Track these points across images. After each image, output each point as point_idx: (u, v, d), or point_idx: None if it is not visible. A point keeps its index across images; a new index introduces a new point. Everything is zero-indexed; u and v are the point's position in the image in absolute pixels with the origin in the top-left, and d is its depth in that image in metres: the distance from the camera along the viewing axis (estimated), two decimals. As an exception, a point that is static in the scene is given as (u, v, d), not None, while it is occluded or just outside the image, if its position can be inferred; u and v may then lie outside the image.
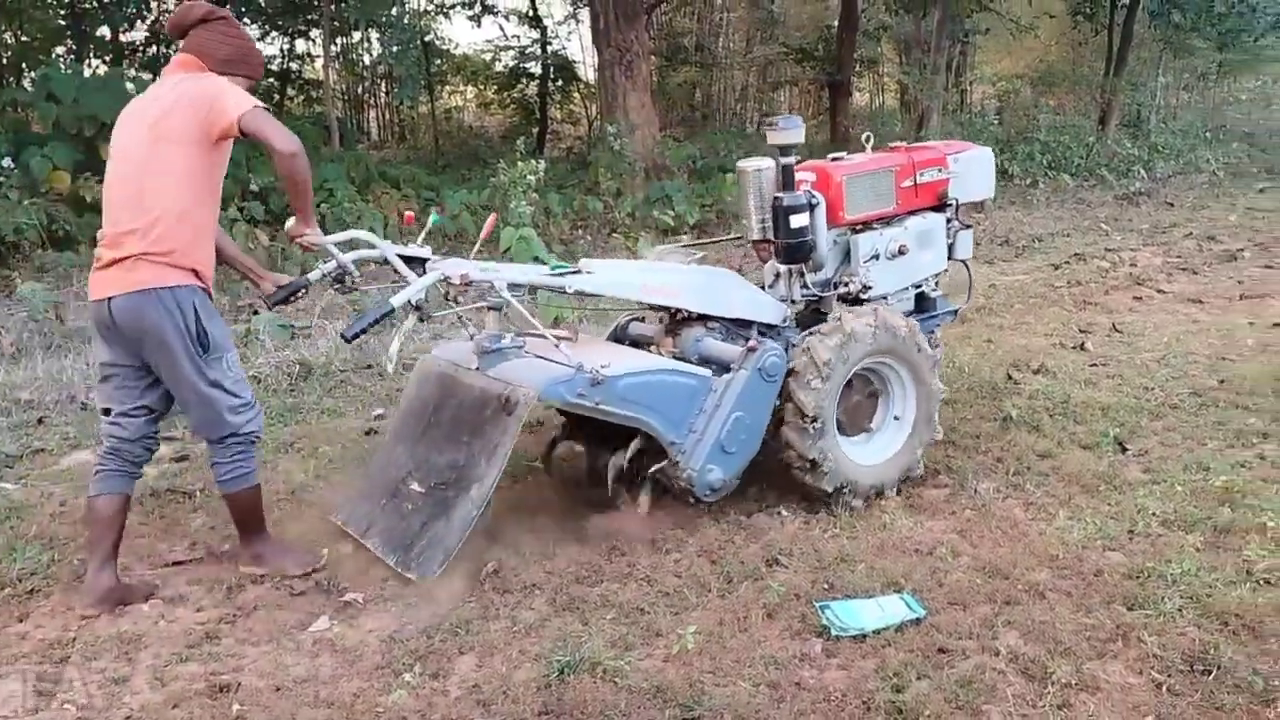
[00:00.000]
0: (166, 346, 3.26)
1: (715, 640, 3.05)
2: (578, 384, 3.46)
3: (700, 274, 4.17)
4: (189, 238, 3.27)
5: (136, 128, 3.30)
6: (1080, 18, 18.46)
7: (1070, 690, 2.75)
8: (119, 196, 3.29)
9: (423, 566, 3.41)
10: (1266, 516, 3.67)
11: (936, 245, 4.51)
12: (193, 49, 3.36)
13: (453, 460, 3.62)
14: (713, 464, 3.73)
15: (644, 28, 12.46)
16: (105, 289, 3.27)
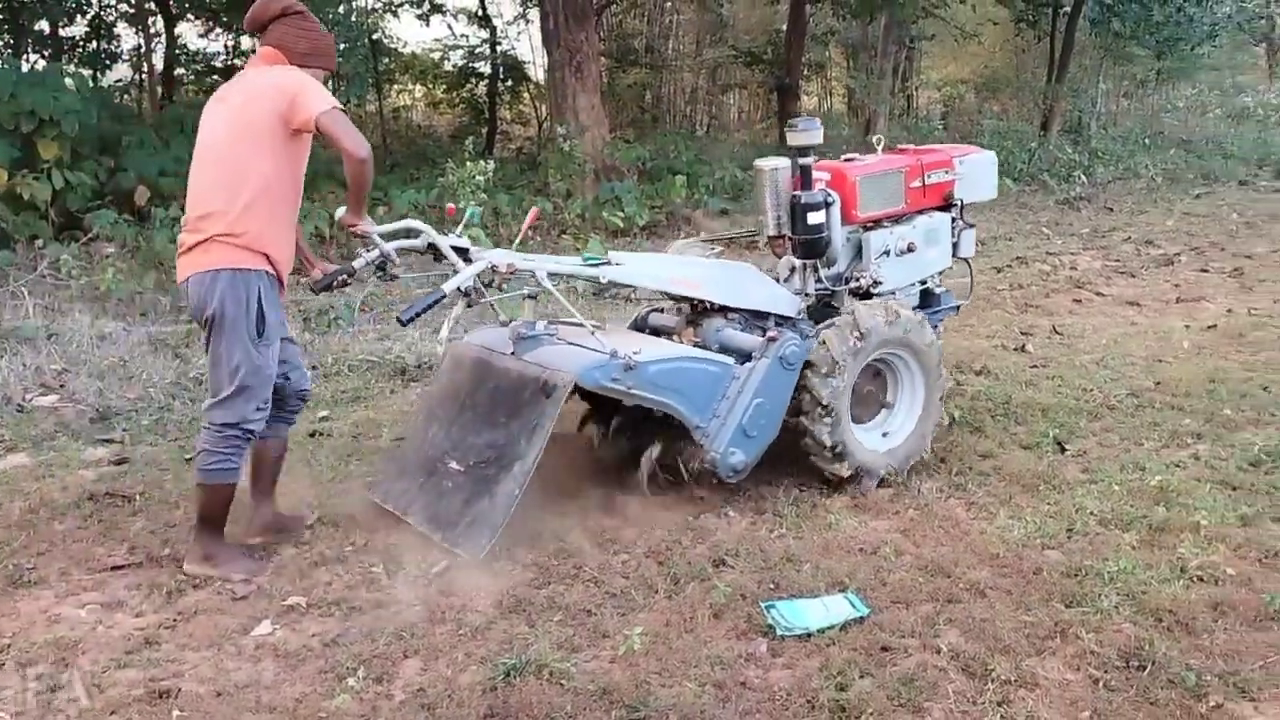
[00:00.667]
0: (226, 322, 3.39)
1: (662, 641, 3.06)
2: (612, 369, 3.65)
3: (721, 268, 4.36)
4: (263, 223, 3.40)
5: (219, 118, 3.46)
6: (1023, 25, 18.74)
7: (1010, 687, 2.80)
8: (200, 183, 3.45)
9: (470, 543, 3.53)
10: (1200, 515, 3.76)
11: (942, 243, 4.74)
12: (273, 43, 3.49)
13: (491, 440, 3.77)
14: (735, 447, 3.90)
15: (594, 29, 12.45)
16: (185, 270, 3.45)
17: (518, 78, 17.89)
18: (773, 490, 4.16)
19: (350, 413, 5.34)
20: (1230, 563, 3.43)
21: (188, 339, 6.42)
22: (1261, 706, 2.71)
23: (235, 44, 15.88)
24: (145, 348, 6.31)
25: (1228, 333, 6.69)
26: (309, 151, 3.54)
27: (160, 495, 4.28)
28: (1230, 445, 4.52)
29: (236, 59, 16.12)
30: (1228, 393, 5.25)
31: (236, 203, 3.35)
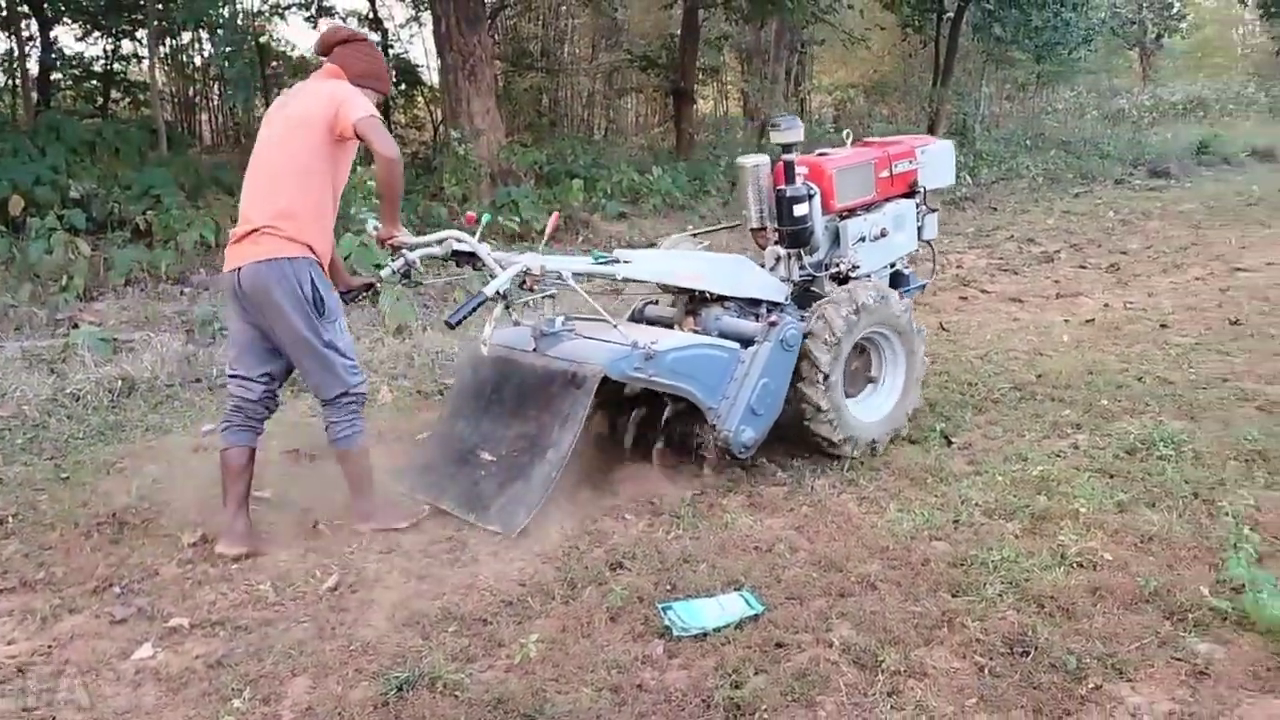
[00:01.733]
0: (285, 311, 3.63)
1: (558, 647, 3.04)
2: (635, 359, 3.93)
3: (720, 260, 4.66)
4: (309, 218, 3.67)
5: (278, 121, 3.77)
6: (909, 30, 19.25)
7: (899, 677, 2.85)
8: (256, 180, 3.75)
9: (506, 521, 3.78)
10: (1079, 503, 3.89)
11: (909, 228, 5.12)
12: (336, 62, 3.84)
13: (522, 432, 4.04)
14: (745, 425, 4.19)
15: (487, 32, 12.36)
16: (236, 260, 3.69)
17: (411, 81, 17.65)
18: (671, 491, 4.18)
19: (238, 426, 5.17)
20: (1107, 548, 3.55)
21: (64, 354, 6.17)
22: (1137, 686, 2.81)
23: (115, 47, 15.35)
24: (19, 363, 6.03)
25: (1104, 326, 6.96)
26: (352, 159, 3.83)
27: (34, 517, 4.11)
28: (1107, 435, 4.69)
29: (116, 63, 15.59)
30: (1104, 384, 5.45)
31: (287, 198, 3.65)
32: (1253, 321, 6.86)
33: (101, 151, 10.51)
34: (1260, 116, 23.64)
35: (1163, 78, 31.28)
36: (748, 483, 4.28)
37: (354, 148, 3.77)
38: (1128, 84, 29.25)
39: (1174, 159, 17.25)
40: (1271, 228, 11.17)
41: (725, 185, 13.15)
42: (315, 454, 4.66)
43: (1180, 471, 4.18)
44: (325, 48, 3.91)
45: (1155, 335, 6.63)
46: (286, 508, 4.10)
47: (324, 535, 3.88)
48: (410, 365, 6.21)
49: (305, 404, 5.51)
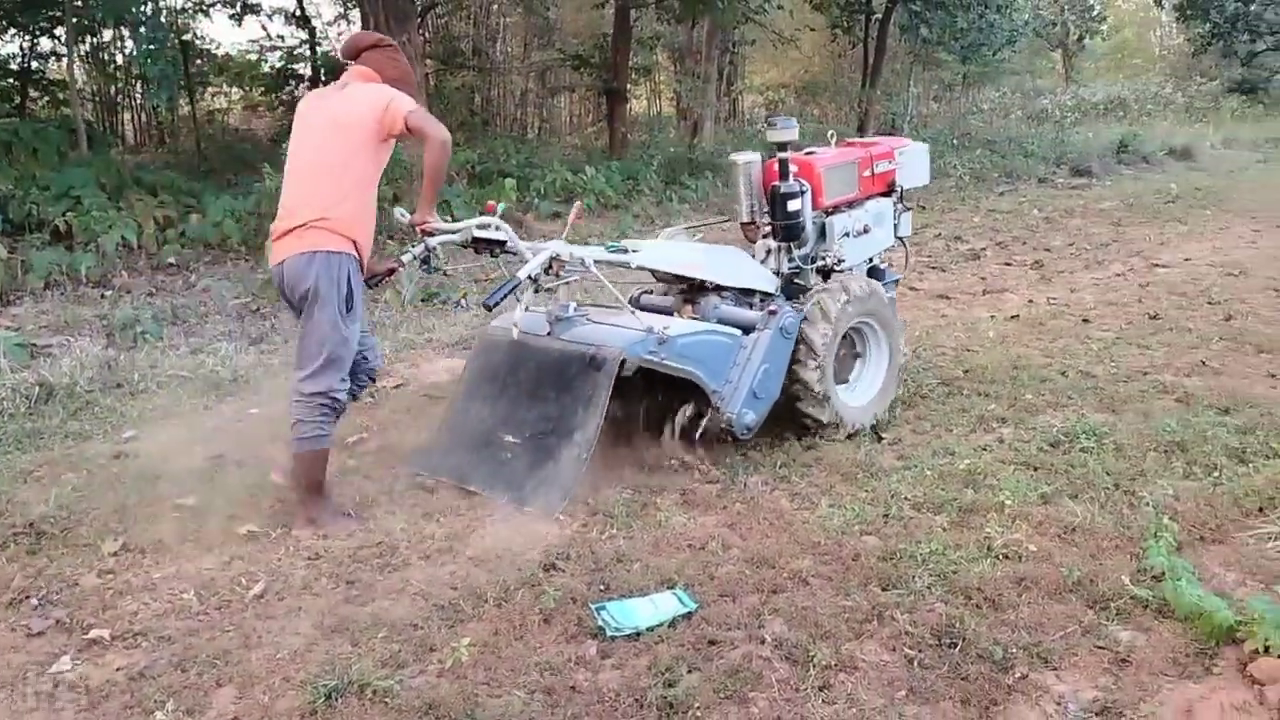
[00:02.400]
0: (320, 298, 3.77)
1: (491, 650, 3.01)
2: (649, 343, 4.11)
3: (717, 251, 4.86)
4: (352, 213, 3.81)
5: (319, 120, 3.89)
6: (838, 31, 19.47)
7: (830, 671, 2.87)
8: (300, 176, 3.88)
9: (544, 502, 3.92)
10: (1004, 495, 3.96)
11: (887, 224, 5.37)
12: (369, 65, 3.98)
13: (543, 413, 4.17)
14: (747, 408, 4.38)
15: (417, 30, 12.23)
16: (281, 254, 3.84)
17: (340, 80, 17.42)
18: (605, 491, 4.17)
19: (159, 432, 5.05)
20: (1032, 539, 3.62)
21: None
22: (1062, 674, 2.87)
23: (32, 45, 14.91)
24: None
25: (1029, 322, 7.10)
26: (389, 156, 3.97)
27: (-56, 530, 3.96)
28: (1031, 428, 4.79)
29: (34, 61, 15.14)
30: (1029, 378, 5.56)
31: (333, 194, 3.78)
32: (1171, 316, 7.06)
33: (19, 152, 10.22)
34: (1177, 116, 24.34)
35: (1084, 78, 32.07)
36: (681, 481, 4.29)
37: (392, 145, 3.94)
38: (1051, 84, 29.93)
39: (1095, 158, 17.66)
40: (1188, 225, 11.51)
41: (659, 185, 13.18)
42: (240, 459, 4.57)
43: (1102, 463, 4.28)
44: (354, 51, 4.04)
45: (1078, 330, 6.79)
46: (211, 514, 4.00)
47: (251, 541, 3.80)
48: (340, 368, 6.11)
49: (230, 409, 5.40)
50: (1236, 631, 2.93)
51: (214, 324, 7.06)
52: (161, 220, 9.28)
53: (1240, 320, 6.88)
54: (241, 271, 8.62)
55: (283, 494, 4.20)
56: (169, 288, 8.11)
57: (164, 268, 8.60)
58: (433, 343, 6.73)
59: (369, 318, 6.29)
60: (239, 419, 5.25)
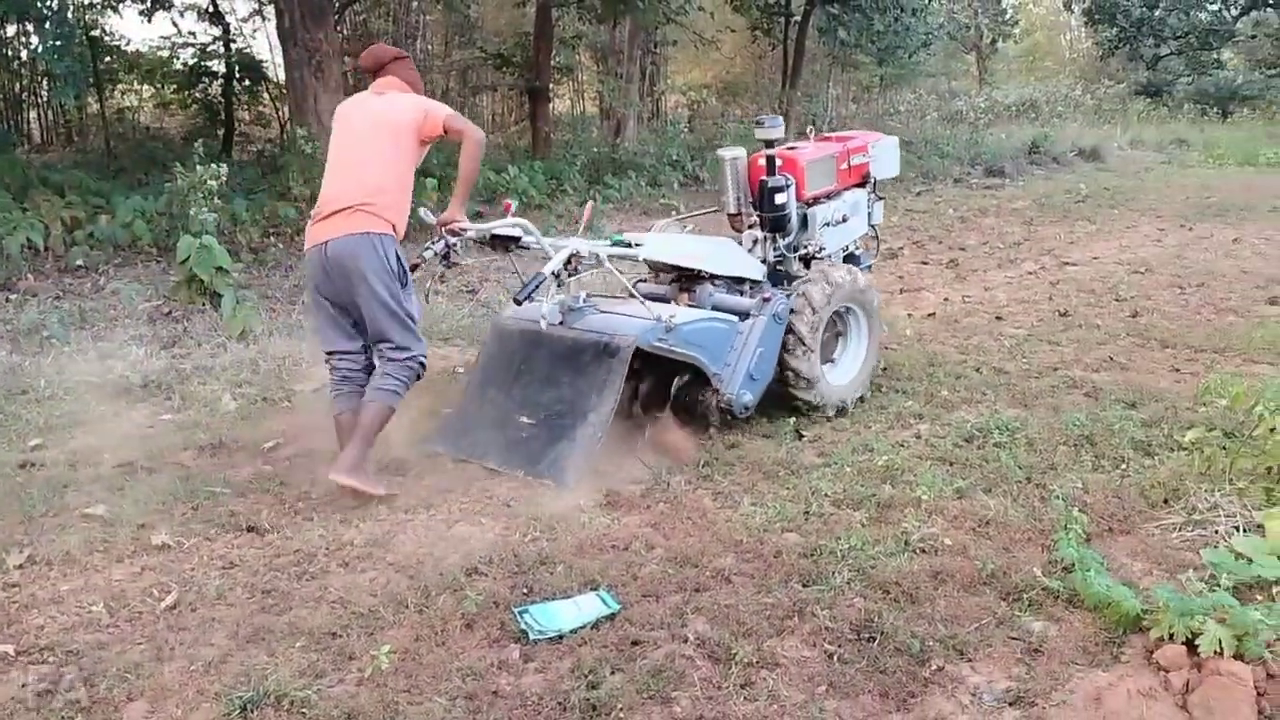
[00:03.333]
0: (369, 279, 4.08)
1: (411, 657, 2.98)
2: (658, 331, 4.43)
3: (712, 242, 5.16)
4: (392, 203, 4.17)
5: (363, 120, 4.29)
6: (758, 33, 19.64)
7: (752, 669, 2.90)
8: (343, 168, 4.23)
9: (558, 475, 4.21)
10: (921, 490, 4.04)
11: (862, 214, 5.74)
12: (399, 76, 4.40)
13: (557, 396, 4.46)
14: (744, 389, 4.68)
15: (334, 27, 12.04)
16: (324, 235, 4.14)
17: (255, 77, 17.05)
18: (528, 494, 4.16)
19: (67, 440, 4.89)
20: (948, 533, 3.70)
21: None
22: (977, 665, 2.93)
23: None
24: None
25: (945, 320, 7.25)
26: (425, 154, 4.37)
27: None
28: (947, 424, 4.89)
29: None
30: (944, 375, 5.68)
31: (376, 185, 4.14)
32: (1080, 313, 7.26)
33: (-83, 151, 9.80)
34: (1086, 118, 25.03)
35: (997, 80, 32.81)
36: (605, 482, 4.29)
37: (427, 148, 4.36)
38: (965, 86, 30.56)
39: (1008, 158, 18.10)
40: (1097, 224, 11.85)
41: (583, 184, 13.14)
42: (151, 466, 4.45)
43: (1014, 458, 4.39)
44: (379, 64, 4.43)
45: (991, 327, 6.94)
46: (121, 524, 3.89)
47: (163, 552, 3.70)
48: (255, 372, 5.98)
49: (141, 415, 5.26)
50: (1143, 620, 3.02)
51: (124, 328, 6.85)
52: (69, 221, 8.98)
53: (1146, 316, 7.11)
54: (153, 274, 8.39)
55: (196, 501, 4.11)
56: (77, 290, 7.85)
57: (72, 270, 8.32)
58: (352, 345, 6.61)
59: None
60: (150, 425, 5.11)
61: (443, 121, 4.21)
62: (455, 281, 8.67)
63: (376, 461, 4.36)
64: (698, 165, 15.02)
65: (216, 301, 7.04)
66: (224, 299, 6.87)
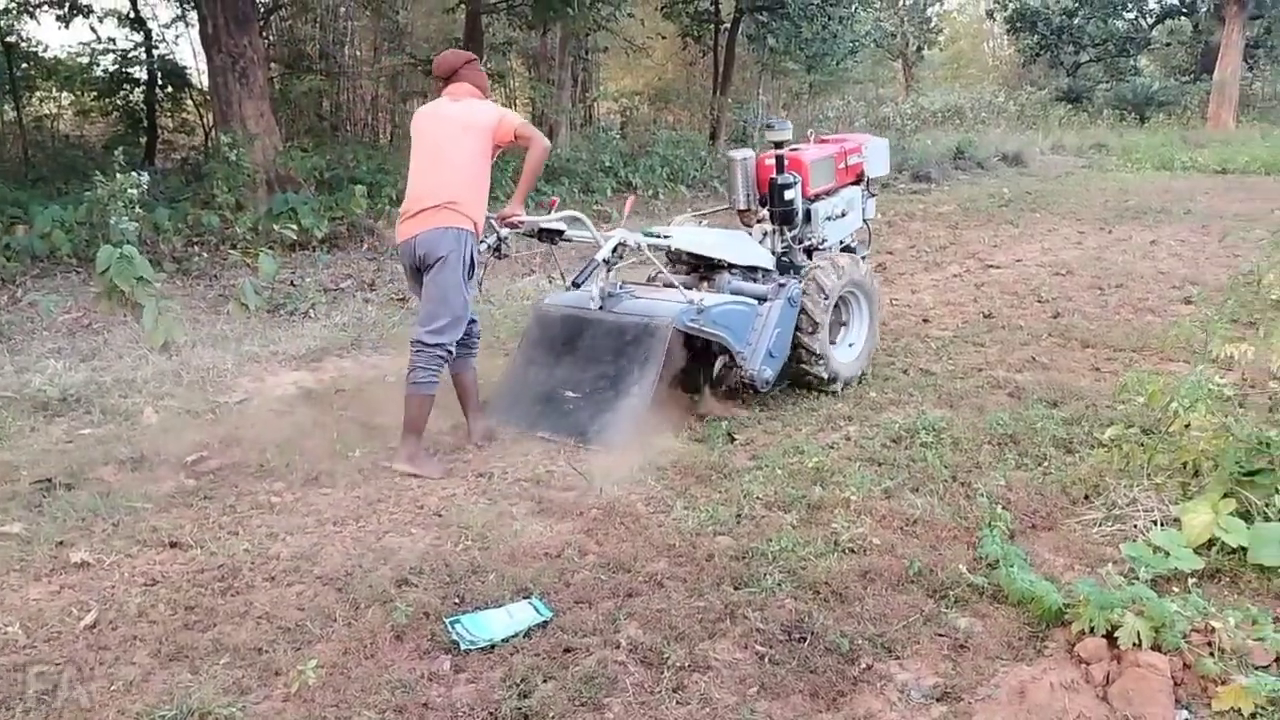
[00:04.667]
0: (448, 265, 4.54)
1: (340, 671, 2.93)
2: (691, 313, 4.86)
3: (730, 235, 5.65)
4: (472, 199, 4.61)
5: (444, 125, 4.69)
6: (689, 39, 19.76)
7: (684, 673, 2.91)
8: (427, 169, 4.65)
9: (605, 439, 4.67)
10: (850, 491, 4.09)
11: (857, 209, 6.27)
12: (468, 81, 4.79)
13: (600, 373, 4.92)
14: (765, 365, 5.12)
15: (258, 33, 11.84)
16: (412, 230, 4.60)
17: (178, 84, 16.72)
18: (460, 502, 4.13)
19: (-20, 456, 4.75)
20: (876, 533, 3.75)
21: None
22: (905, 663, 2.98)
23: None
24: None
25: (874, 322, 7.33)
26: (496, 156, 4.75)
27: None
28: (875, 425, 4.95)
29: None
30: (872, 377, 5.76)
31: (458, 185, 4.57)
32: (1003, 315, 7.41)
33: None
34: (1009, 123, 25.58)
35: (923, 87, 33.42)
36: (538, 489, 4.27)
37: (498, 151, 4.72)
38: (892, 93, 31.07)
39: (934, 164, 18.40)
40: (1020, 227, 12.11)
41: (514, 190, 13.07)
42: (70, 483, 4.34)
43: (940, 457, 4.46)
44: (450, 69, 4.80)
45: (918, 329, 7.06)
46: (39, 542, 3.78)
47: (82, 569, 3.60)
48: (178, 384, 5.85)
49: (60, 430, 5.11)
50: (1065, 614, 3.09)
51: (41, 340, 6.67)
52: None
53: (1067, 317, 7.28)
54: (72, 285, 8.17)
55: (117, 516, 4.01)
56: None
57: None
58: (279, 355, 6.51)
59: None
60: (69, 440, 4.97)
61: (514, 129, 4.62)
62: (385, 290, 8.58)
63: (304, 472, 4.38)
64: (631, 171, 15.05)
65: (138, 312, 6.87)
66: (145, 310, 6.71)
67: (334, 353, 6.64)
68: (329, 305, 7.91)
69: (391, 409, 5.30)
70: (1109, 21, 31.47)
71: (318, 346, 6.70)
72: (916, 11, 34.61)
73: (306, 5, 18.04)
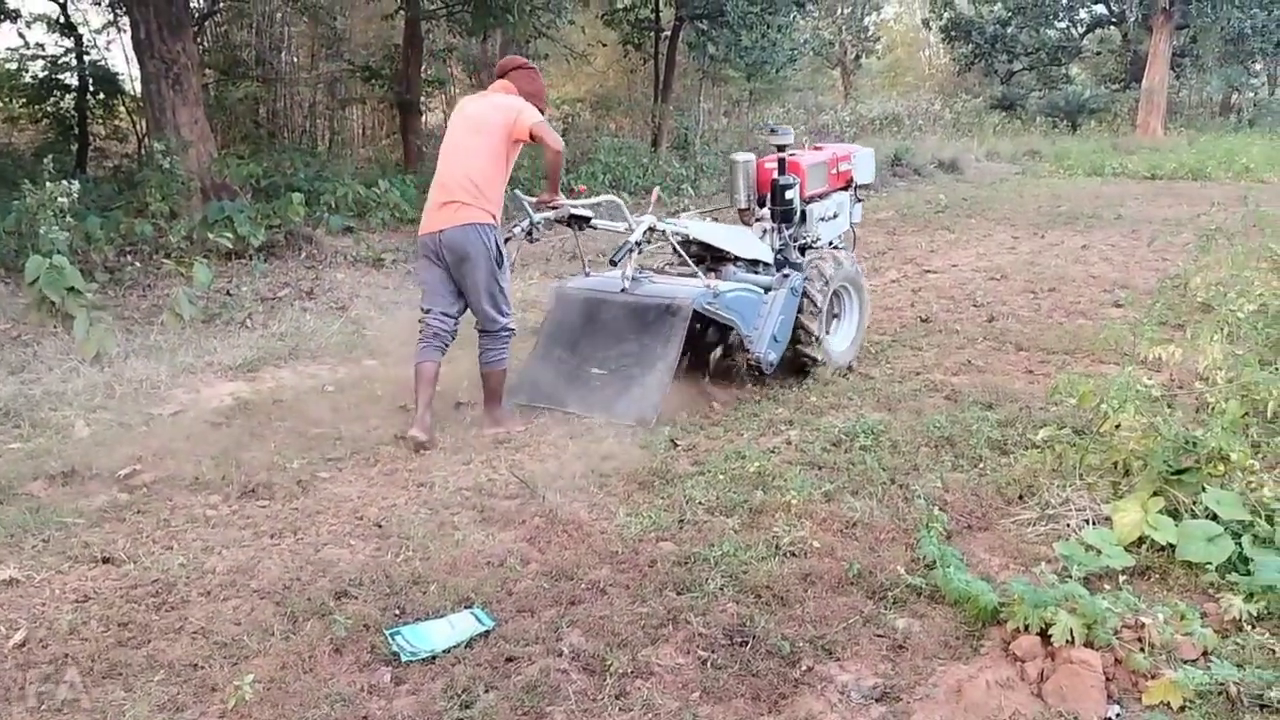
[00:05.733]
0: (476, 262, 4.95)
1: (278, 686, 2.89)
2: (708, 296, 5.29)
3: (736, 230, 6.15)
4: (494, 195, 4.98)
5: (468, 120, 5.09)
6: (630, 47, 19.79)
7: (627, 679, 2.91)
8: (453, 164, 5.02)
9: (634, 414, 5.05)
10: (791, 495, 4.11)
11: (845, 212, 6.79)
12: (512, 81, 5.19)
13: (624, 350, 5.32)
14: (770, 349, 5.56)
15: (192, 39, 11.65)
16: (437, 225, 4.98)
17: (111, 90, 16.37)
18: (401, 512, 4.09)
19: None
20: (816, 536, 3.79)
21: None
22: (845, 664, 3.01)
23: None
24: None
25: (815, 327, 7.40)
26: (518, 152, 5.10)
27: None
28: (816, 429, 5.00)
29: None
30: (813, 381, 5.80)
31: (479, 179, 4.93)
32: (940, 319, 7.53)
33: None
34: (945, 131, 26.02)
35: (862, 95, 33.79)
36: (480, 497, 4.25)
37: (520, 146, 5.04)
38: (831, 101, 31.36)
39: (873, 170, 18.61)
40: (956, 233, 12.32)
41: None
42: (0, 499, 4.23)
43: (879, 460, 4.52)
44: (502, 71, 5.26)
45: (859, 334, 7.13)
46: (-37, 561, 3.68)
47: (10, 587, 3.51)
48: (110, 396, 5.72)
49: (-14, 444, 4.98)
50: (1000, 613, 3.14)
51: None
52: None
53: (1002, 321, 7.42)
54: (0, 296, 7.96)
55: (47, 532, 3.92)
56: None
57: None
58: (214, 366, 6.40)
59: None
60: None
61: (530, 128, 4.93)
62: (325, 299, 8.48)
63: (241, 484, 4.35)
64: (573, 178, 15.04)
65: (69, 324, 6.72)
66: (77, 321, 6.57)
67: (271, 363, 6.55)
68: (266, 315, 7.80)
69: (330, 419, 5.26)
70: (1041, 31, 32.14)
71: (254, 357, 6.60)
72: (854, 20, 35.05)
73: (242, 10, 17.78)
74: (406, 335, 7.27)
